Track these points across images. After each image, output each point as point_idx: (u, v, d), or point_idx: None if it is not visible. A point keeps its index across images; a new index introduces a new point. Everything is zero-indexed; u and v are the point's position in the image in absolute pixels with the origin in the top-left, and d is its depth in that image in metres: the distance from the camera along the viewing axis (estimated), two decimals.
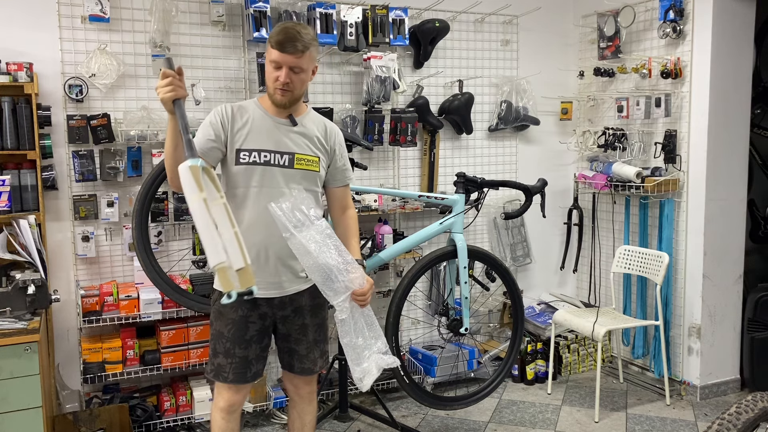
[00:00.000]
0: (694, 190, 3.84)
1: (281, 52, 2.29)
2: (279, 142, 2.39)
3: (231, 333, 2.42)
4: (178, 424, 3.43)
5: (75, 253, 3.38)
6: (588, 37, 4.49)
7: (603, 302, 4.47)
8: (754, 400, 1.95)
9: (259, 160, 2.36)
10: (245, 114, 2.40)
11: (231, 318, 2.42)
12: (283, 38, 2.28)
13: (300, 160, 2.40)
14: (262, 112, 2.41)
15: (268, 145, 2.37)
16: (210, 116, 2.41)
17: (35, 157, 3.11)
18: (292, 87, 2.34)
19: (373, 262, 3.39)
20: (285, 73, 2.31)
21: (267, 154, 2.37)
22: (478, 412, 3.74)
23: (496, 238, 4.45)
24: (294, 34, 2.29)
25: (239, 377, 2.43)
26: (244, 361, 2.43)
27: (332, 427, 3.55)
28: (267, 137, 2.38)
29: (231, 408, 2.47)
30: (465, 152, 4.35)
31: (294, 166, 2.39)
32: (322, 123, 2.52)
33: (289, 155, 2.39)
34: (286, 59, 2.30)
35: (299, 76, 2.34)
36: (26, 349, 2.61)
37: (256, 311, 2.41)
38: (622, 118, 4.20)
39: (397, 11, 3.85)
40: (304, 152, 2.41)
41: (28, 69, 3.05)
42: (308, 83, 2.46)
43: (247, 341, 2.43)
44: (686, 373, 3.96)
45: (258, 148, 2.37)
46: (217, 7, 3.53)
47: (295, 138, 2.41)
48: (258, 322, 2.43)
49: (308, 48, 2.32)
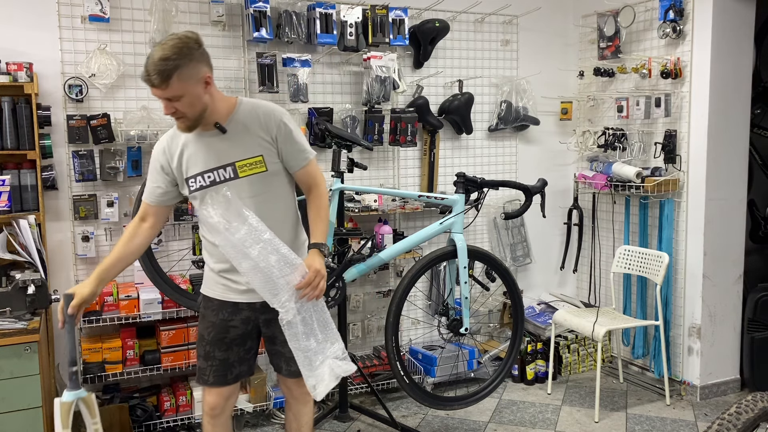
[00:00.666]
0: (694, 190, 3.84)
1: (150, 86, 2.15)
2: (216, 156, 2.28)
3: (210, 336, 2.42)
4: (178, 424, 3.43)
5: (75, 253, 3.38)
6: (588, 37, 4.49)
7: (603, 302, 4.47)
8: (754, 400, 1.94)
9: (205, 183, 2.29)
10: (179, 141, 2.31)
11: (211, 321, 2.42)
12: (145, 74, 2.13)
13: (242, 166, 2.28)
14: (193, 133, 2.30)
15: (207, 165, 2.28)
16: (152, 160, 2.37)
17: (35, 157, 3.11)
18: (183, 113, 2.19)
19: (373, 262, 3.38)
20: (165, 105, 2.19)
21: (210, 173, 2.28)
22: (478, 412, 3.74)
23: (496, 238, 4.45)
24: (151, 68, 2.11)
25: (219, 379, 2.42)
26: (224, 363, 2.42)
27: (332, 427, 3.55)
28: (204, 156, 2.29)
29: (213, 411, 2.46)
30: (465, 152, 4.35)
31: (239, 176, 2.28)
32: (256, 114, 2.32)
33: (230, 166, 2.28)
34: (157, 93, 2.16)
35: (182, 102, 2.17)
36: (26, 349, 2.61)
37: (238, 316, 2.38)
38: (622, 118, 4.20)
39: (397, 11, 3.85)
40: (243, 157, 2.28)
41: (28, 69, 3.05)
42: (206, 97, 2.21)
43: (228, 344, 2.42)
44: (686, 373, 3.96)
45: (199, 172, 2.29)
46: (217, 7, 3.53)
47: (231, 145, 2.28)
48: (240, 327, 2.41)
49: (172, 74, 2.10)
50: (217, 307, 2.41)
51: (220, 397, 2.45)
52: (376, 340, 4.13)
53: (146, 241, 2.42)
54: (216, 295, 2.41)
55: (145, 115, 3.37)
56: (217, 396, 2.45)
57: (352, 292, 3.97)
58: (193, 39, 2.17)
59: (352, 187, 3.69)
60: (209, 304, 2.43)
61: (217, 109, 2.27)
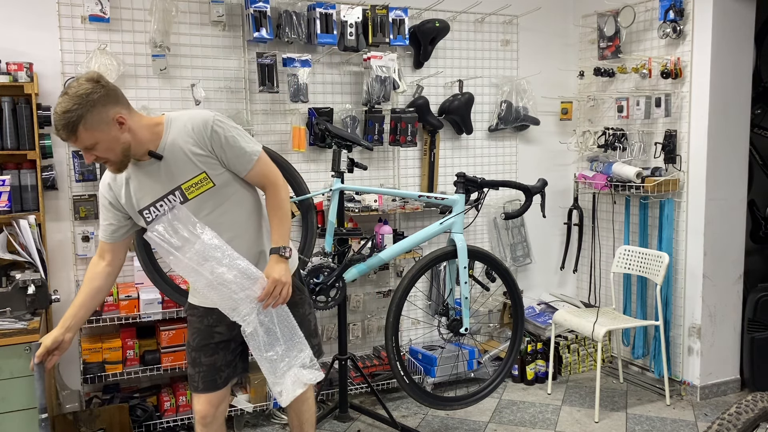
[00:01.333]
0: (694, 190, 3.84)
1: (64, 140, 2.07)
2: (161, 185, 2.21)
3: (196, 342, 2.41)
4: (178, 424, 3.43)
5: (75, 253, 3.38)
6: (588, 37, 4.49)
7: (603, 302, 4.46)
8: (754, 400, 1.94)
9: (159, 212, 2.23)
10: (121, 176, 2.24)
11: (196, 327, 2.41)
12: (55, 128, 2.06)
13: (189, 188, 2.21)
14: (133, 165, 2.21)
15: (154, 195, 2.22)
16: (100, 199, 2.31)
17: (35, 157, 3.11)
18: (103, 159, 2.11)
19: (373, 262, 3.38)
20: (84, 155, 2.10)
21: (161, 202, 2.22)
22: (478, 412, 3.74)
23: (496, 238, 4.45)
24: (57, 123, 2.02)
25: (209, 385, 2.41)
26: (212, 368, 2.41)
27: (332, 427, 3.55)
28: (150, 187, 2.22)
29: (205, 420, 2.43)
30: (465, 152, 4.35)
31: (188, 198, 2.22)
32: (186, 130, 2.20)
33: (177, 190, 2.21)
34: (72, 143, 2.08)
35: (98, 149, 2.08)
36: (26, 349, 2.61)
37: (223, 321, 2.35)
38: (622, 118, 4.20)
39: (397, 11, 3.85)
40: (187, 179, 2.20)
41: (28, 69, 3.05)
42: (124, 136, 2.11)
43: (213, 348, 2.41)
44: (686, 373, 3.96)
45: (150, 203, 2.23)
46: (217, 7, 3.53)
47: (171, 169, 2.20)
48: (225, 332, 2.40)
49: (77, 124, 2.00)
50: (202, 314, 2.41)
51: (210, 405, 2.43)
52: (376, 340, 4.13)
53: (107, 283, 2.37)
54: (201, 303, 2.40)
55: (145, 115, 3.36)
56: (207, 404, 2.42)
57: (352, 292, 3.97)
58: (93, 82, 2.05)
59: (352, 187, 3.69)
60: (194, 311, 2.43)
61: (144, 139, 2.16)
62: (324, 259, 3.36)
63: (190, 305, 2.45)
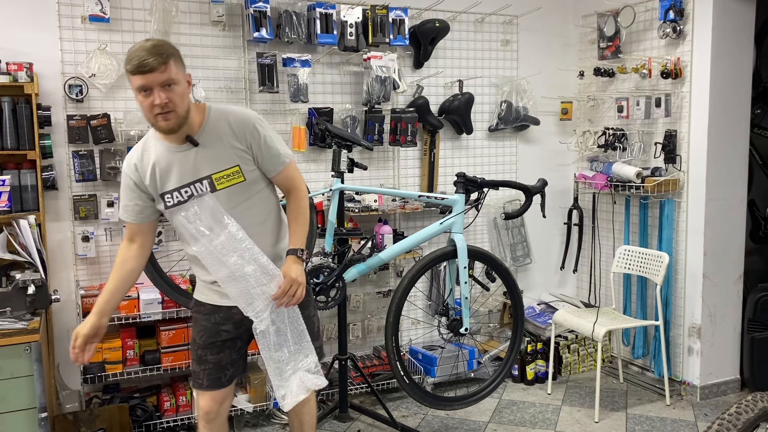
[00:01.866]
0: (694, 190, 3.84)
1: (143, 73, 2.08)
2: (191, 171, 2.23)
3: (202, 339, 2.41)
4: (178, 424, 3.43)
5: (75, 253, 3.38)
6: (588, 37, 4.49)
7: (603, 302, 4.46)
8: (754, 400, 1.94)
9: (182, 198, 2.23)
10: (149, 157, 2.25)
11: (203, 325, 2.41)
12: (138, 58, 2.07)
13: (219, 179, 2.23)
14: (163, 146, 2.24)
15: (182, 180, 2.23)
16: (123, 177, 2.30)
17: (35, 157, 3.11)
18: (173, 105, 2.11)
19: (373, 262, 3.38)
20: (157, 93, 2.09)
21: (186, 188, 2.23)
22: (478, 412, 3.74)
23: (496, 238, 4.45)
24: (147, 50, 2.08)
25: (213, 383, 2.42)
26: (218, 366, 2.42)
27: (332, 427, 3.55)
28: (178, 172, 2.23)
29: (209, 416, 2.44)
30: (465, 152, 4.35)
31: (217, 188, 2.23)
32: (227, 122, 2.25)
33: (207, 179, 2.23)
34: (152, 78, 2.08)
35: (174, 91, 2.11)
36: (26, 349, 2.61)
37: (230, 320, 2.37)
38: (622, 118, 4.20)
39: (397, 11, 3.85)
40: (219, 169, 2.23)
41: (28, 69, 3.05)
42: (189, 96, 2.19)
43: (219, 347, 2.41)
44: (686, 373, 3.96)
45: (175, 187, 2.24)
46: (217, 7, 3.53)
47: (205, 158, 2.22)
48: (232, 331, 2.41)
49: (169, 57, 2.09)
50: (209, 311, 2.41)
51: (214, 402, 2.44)
52: (376, 340, 4.13)
53: (139, 265, 2.37)
54: (208, 300, 2.40)
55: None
56: (211, 400, 2.44)
57: (352, 292, 3.97)
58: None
59: (352, 187, 3.69)
60: (201, 309, 2.43)
61: (191, 118, 2.20)
62: (324, 259, 3.36)
63: (197, 302, 2.45)
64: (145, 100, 2.12)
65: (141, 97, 2.13)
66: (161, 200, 2.27)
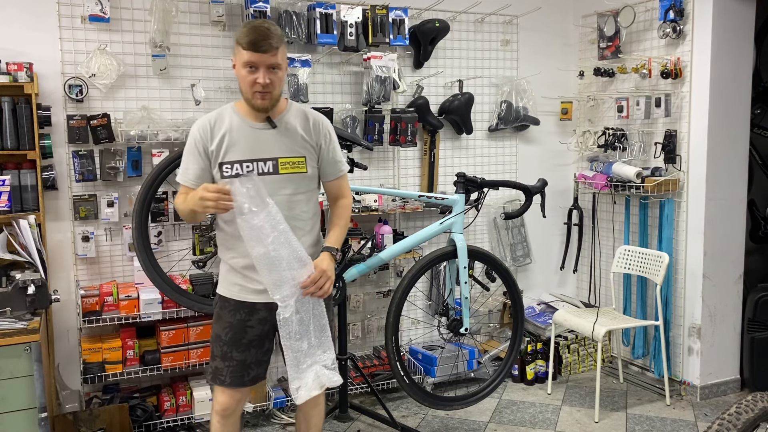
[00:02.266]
0: (694, 190, 3.84)
1: (256, 51, 2.21)
2: (260, 148, 2.33)
3: (228, 337, 2.42)
4: (178, 424, 3.43)
5: (75, 253, 3.38)
6: (588, 37, 4.49)
7: (603, 302, 4.46)
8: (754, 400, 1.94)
9: (242, 172, 2.30)
10: (223, 125, 2.34)
11: (229, 321, 2.41)
12: (256, 37, 2.21)
13: (284, 164, 2.33)
14: (240, 119, 2.35)
15: (249, 154, 2.32)
16: (191, 139, 2.36)
17: (35, 157, 3.11)
18: (272, 87, 2.27)
19: (373, 262, 3.38)
20: (263, 73, 2.24)
21: (249, 164, 2.31)
22: (478, 412, 3.74)
23: (496, 238, 4.45)
24: (265, 31, 2.22)
25: (236, 380, 2.42)
26: (242, 364, 2.42)
27: (332, 427, 3.55)
28: (247, 146, 2.32)
29: (225, 412, 2.45)
30: (465, 152, 4.35)
31: (279, 172, 2.33)
32: (305, 116, 2.41)
33: (272, 161, 2.32)
34: (263, 59, 2.22)
35: (277, 75, 2.27)
36: (26, 349, 2.61)
37: (255, 316, 2.39)
38: (622, 118, 4.20)
39: (397, 11, 3.85)
40: (287, 155, 2.34)
41: (28, 69, 3.05)
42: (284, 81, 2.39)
43: (245, 345, 2.42)
44: (686, 373, 3.96)
45: (239, 159, 2.31)
46: (217, 7, 3.53)
47: (277, 141, 2.34)
48: (257, 327, 2.42)
49: (281, 43, 2.26)
50: (233, 308, 2.41)
51: (232, 399, 2.45)
52: (376, 340, 4.13)
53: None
54: (232, 296, 2.41)
55: (145, 115, 3.37)
56: (229, 397, 2.45)
57: (352, 292, 3.97)
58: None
59: (352, 187, 3.67)
60: (225, 305, 2.43)
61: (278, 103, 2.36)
62: None
63: (221, 297, 2.45)
64: (249, 76, 2.25)
65: (245, 71, 2.26)
66: (218, 169, 2.33)
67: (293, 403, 3.63)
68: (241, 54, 2.25)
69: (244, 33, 2.24)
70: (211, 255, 3.42)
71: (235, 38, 2.28)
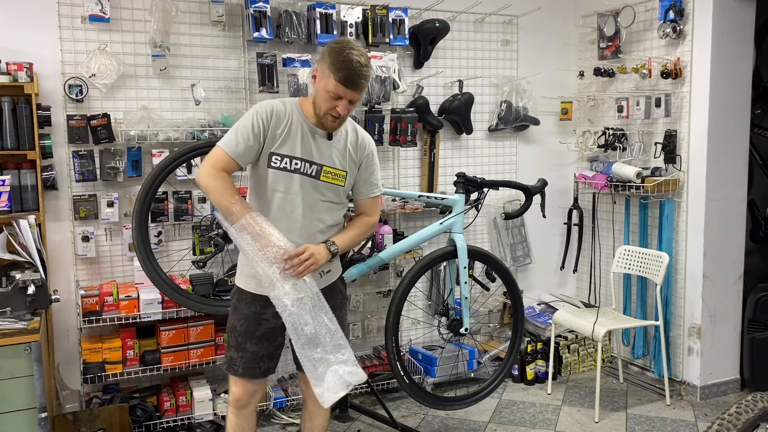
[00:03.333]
0: (694, 190, 3.84)
1: (347, 88, 2.28)
2: (311, 151, 2.42)
3: (243, 328, 2.49)
4: (178, 424, 3.43)
5: (75, 253, 3.38)
6: (588, 37, 4.49)
7: (603, 302, 4.46)
8: (754, 400, 1.94)
9: (289, 167, 2.40)
10: (285, 117, 2.41)
11: (244, 313, 2.48)
12: (352, 75, 2.27)
13: (327, 173, 2.44)
14: (301, 118, 2.42)
15: (300, 153, 2.40)
16: (253, 117, 2.38)
17: (35, 157, 3.11)
18: (346, 116, 2.38)
19: (373, 262, 3.38)
20: (344, 105, 2.33)
21: (298, 161, 2.40)
22: (478, 412, 3.74)
23: (496, 238, 4.45)
24: (361, 69, 2.28)
25: (248, 371, 2.49)
26: (255, 356, 2.49)
27: (332, 427, 3.55)
28: (301, 145, 2.41)
29: (239, 403, 2.53)
30: (465, 152, 4.35)
31: (320, 178, 2.43)
32: (355, 133, 2.53)
33: (318, 166, 2.42)
34: (349, 94, 2.31)
35: (353, 105, 2.37)
36: (26, 349, 2.61)
37: (269, 309, 2.42)
38: (622, 118, 4.20)
39: (397, 11, 3.85)
40: (332, 165, 2.45)
41: (28, 69, 3.05)
42: None
43: (259, 337, 2.48)
44: (686, 373, 3.96)
45: (290, 155, 2.40)
46: (217, 7, 3.53)
47: (327, 150, 2.44)
48: (271, 320, 2.46)
49: (368, 81, 2.35)
50: (250, 300, 2.48)
51: (245, 391, 2.52)
52: (376, 340, 4.13)
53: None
54: (249, 288, 2.48)
55: (145, 115, 3.37)
56: (242, 389, 2.52)
57: (352, 292, 3.97)
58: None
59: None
60: (242, 296, 2.50)
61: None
62: None
63: (239, 290, 2.52)
64: (330, 102, 2.33)
65: (327, 96, 2.32)
66: (267, 157, 2.40)
67: (293, 404, 3.64)
68: (330, 81, 2.29)
69: (340, 64, 2.26)
70: (211, 255, 3.42)
71: (329, 60, 2.29)
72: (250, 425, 2.58)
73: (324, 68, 2.31)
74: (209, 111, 3.56)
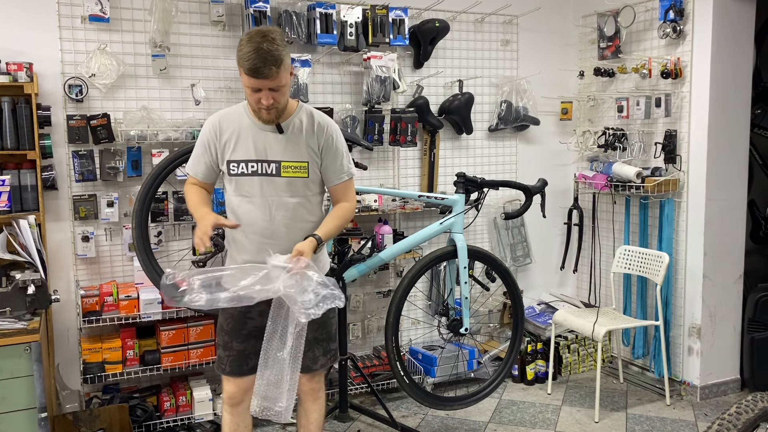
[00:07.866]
0: (694, 190, 3.84)
1: (256, 78, 2.21)
2: (265, 150, 2.39)
3: (229, 327, 2.51)
4: (178, 424, 3.43)
5: (75, 253, 3.38)
6: (588, 37, 4.49)
7: (603, 302, 4.46)
8: (754, 400, 1.95)
9: (246, 171, 2.39)
10: (232, 124, 2.41)
11: (230, 313, 2.49)
12: (255, 63, 2.19)
13: (287, 167, 2.40)
14: (249, 120, 2.41)
15: (254, 155, 2.39)
16: (203, 133, 2.45)
17: (35, 157, 3.11)
18: (276, 104, 2.30)
19: (373, 262, 3.38)
20: (266, 95, 2.26)
21: (254, 164, 2.39)
22: (478, 412, 3.74)
23: (496, 238, 4.45)
24: (264, 56, 2.18)
25: (236, 369, 2.51)
26: (241, 354, 2.50)
27: (332, 427, 3.55)
28: (253, 146, 2.39)
29: (232, 401, 2.55)
30: (465, 152, 4.35)
31: (281, 174, 2.40)
32: (312, 120, 2.45)
33: (275, 163, 2.39)
34: (264, 83, 2.23)
35: (280, 92, 2.29)
36: (26, 349, 2.61)
37: (256, 308, 2.42)
38: (622, 118, 4.20)
39: (397, 11, 3.85)
40: (291, 159, 2.40)
41: (28, 69, 3.05)
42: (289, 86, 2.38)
43: (245, 336, 2.50)
44: (686, 373, 3.96)
45: (245, 159, 2.39)
46: (217, 7, 3.53)
47: (281, 144, 2.40)
48: (257, 319, 2.46)
49: (281, 63, 2.22)
50: None
51: (238, 389, 2.54)
52: (376, 340, 4.13)
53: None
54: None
55: (145, 115, 3.37)
56: (234, 386, 2.54)
57: (352, 292, 3.97)
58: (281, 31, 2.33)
59: None
60: None
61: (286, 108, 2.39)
62: None
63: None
64: (253, 95, 2.29)
65: (248, 90, 2.29)
66: (225, 166, 2.42)
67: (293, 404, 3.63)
68: (243, 76, 2.26)
69: (244, 56, 2.21)
70: (210, 255, 3.41)
71: (237, 53, 2.26)
72: (246, 423, 2.59)
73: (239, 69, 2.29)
74: (209, 111, 3.56)
